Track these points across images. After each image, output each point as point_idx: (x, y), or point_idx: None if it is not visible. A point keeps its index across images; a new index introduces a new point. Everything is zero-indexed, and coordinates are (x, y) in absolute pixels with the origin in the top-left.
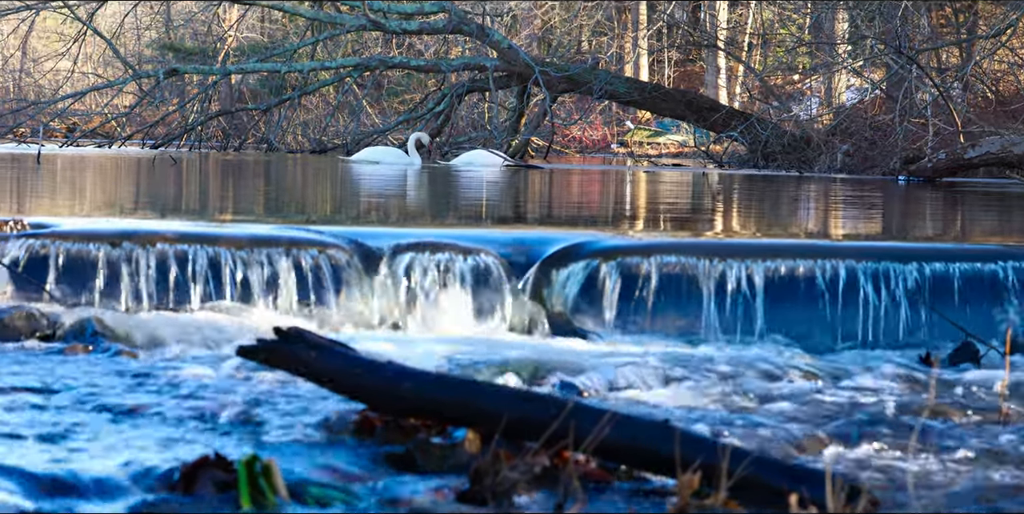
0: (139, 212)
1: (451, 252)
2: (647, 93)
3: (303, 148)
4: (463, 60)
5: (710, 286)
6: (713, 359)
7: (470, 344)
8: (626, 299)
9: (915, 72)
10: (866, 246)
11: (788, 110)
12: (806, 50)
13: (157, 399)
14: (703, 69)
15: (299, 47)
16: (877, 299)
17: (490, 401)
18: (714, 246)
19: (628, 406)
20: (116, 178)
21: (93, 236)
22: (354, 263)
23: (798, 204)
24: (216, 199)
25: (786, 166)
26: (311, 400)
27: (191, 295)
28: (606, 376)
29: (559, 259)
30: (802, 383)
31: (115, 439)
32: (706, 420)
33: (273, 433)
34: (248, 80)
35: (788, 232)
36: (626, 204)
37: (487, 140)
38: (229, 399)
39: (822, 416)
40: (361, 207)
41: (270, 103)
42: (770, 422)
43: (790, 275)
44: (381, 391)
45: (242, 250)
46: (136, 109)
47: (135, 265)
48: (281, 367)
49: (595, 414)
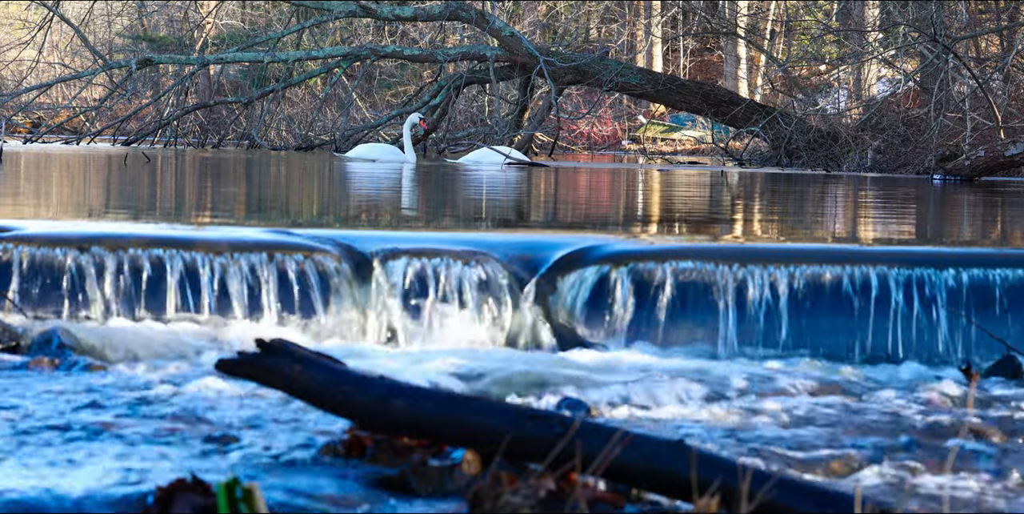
0: (109, 214)
1: (449, 258)
2: (661, 85)
3: (288, 144)
4: (461, 49)
5: (729, 294)
6: (733, 373)
7: (469, 357)
8: (638, 309)
9: (952, 62)
10: (899, 251)
11: (814, 103)
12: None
13: (129, 417)
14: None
15: (283, 35)
16: (910, 308)
17: (490, 419)
18: (734, 251)
19: (640, 424)
20: (84, 177)
21: (60, 240)
22: (343, 270)
23: (824, 205)
24: (193, 200)
25: (811, 164)
26: (296, 418)
27: (166, 304)
28: (616, 392)
29: (566, 265)
30: (829, 399)
31: (83, 460)
32: (725, 439)
33: (255, 454)
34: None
35: (814, 236)
36: (638, 205)
37: (487, 136)
38: (207, 417)
39: (851, 435)
40: (351, 209)
41: (252, 96)
42: (795, 441)
43: (816, 282)
44: (372, 408)
45: (221, 256)
46: (106, 102)
47: (105, 272)
48: (263, 382)
49: (604, 433)
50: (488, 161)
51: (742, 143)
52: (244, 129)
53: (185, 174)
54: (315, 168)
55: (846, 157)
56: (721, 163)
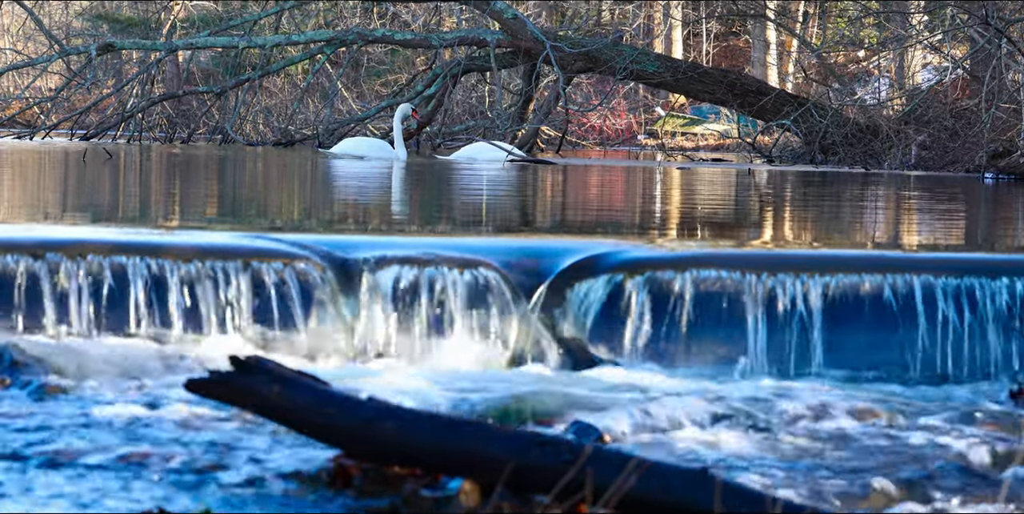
0: (67, 217)
1: (444, 266)
2: (681, 73)
3: (265, 139)
4: (459, 33)
5: (757, 307)
6: (760, 394)
7: (467, 377)
8: (656, 322)
9: (1005, 47)
10: (946, 258)
11: (851, 94)
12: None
13: (91, 443)
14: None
15: (260, 17)
16: (959, 322)
17: (491, 445)
18: (762, 258)
19: (658, 451)
20: (39, 176)
21: (11, 246)
22: (328, 279)
23: (863, 207)
24: (160, 202)
25: (849, 161)
26: (276, 444)
27: (130, 317)
28: (631, 415)
29: (575, 274)
30: (868, 422)
31: (40, 491)
32: (752, 468)
33: (230, 483)
34: (199, 58)
35: (851, 241)
36: (655, 207)
37: (487, 130)
38: (175, 443)
39: (891, 462)
40: (336, 211)
41: (225, 85)
42: (829, 469)
43: (854, 293)
44: (359, 433)
45: (191, 263)
46: (63, 93)
47: (62, 281)
48: (239, 404)
49: (618, 461)
50: (484, 158)
51: (771, 138)
52: (217, 122)
53: (151, 172)
54: (296, 165)
55: (887, 153)
56: (748, 160)
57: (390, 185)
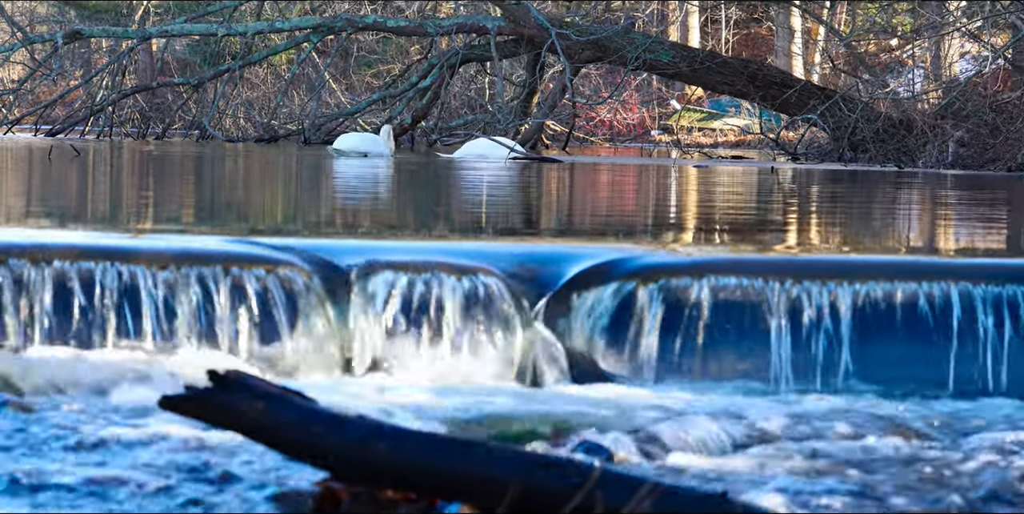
0: (31, 220)
1: (441, 272)
2: (698, 63)
3: (247, 135)
4: (456, 20)
5: (781, 317)
6: (784, 412)
7: (465, 393)
8: (670, 334)
9: None
10: (985, 264)
11: (883, 86)
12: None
13: (57, 464)
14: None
15: (241, 3)
16: (999, 333)
17: (492, 467)
18: (786, 264)
19: (673, 474)
20: (0, 175)
21: None
22: (314, 286)
23: (896, 209)
24: (132, 203)
25: (880, 159)
26: (258, 465)
27: (100, 328)
28: (644, 435)
29: (583, 281)
30: (902, 442)
31: None
32: (777, 491)
33: (207, 509)
34: (174, 46)
35: (883, 246)
36: (671, 209)
37: (488, 125)
38: (147, 465)
39: (928, 485)
40: (324, 212)
41: (203, 77)
42: (859, 493)
43: (886, 302)
44: (348, 454)
45: (166, 269)
46: (27, 84)
47: (26, 289)
48: (217, 422)
49: (630, 484)
50: (496, 155)
51: (796, 133)
52: (194, 117)
53: (122, 171)
54: (280, 163)
55: (922, 150)
56: (771, 158)
57: (380, 184)
